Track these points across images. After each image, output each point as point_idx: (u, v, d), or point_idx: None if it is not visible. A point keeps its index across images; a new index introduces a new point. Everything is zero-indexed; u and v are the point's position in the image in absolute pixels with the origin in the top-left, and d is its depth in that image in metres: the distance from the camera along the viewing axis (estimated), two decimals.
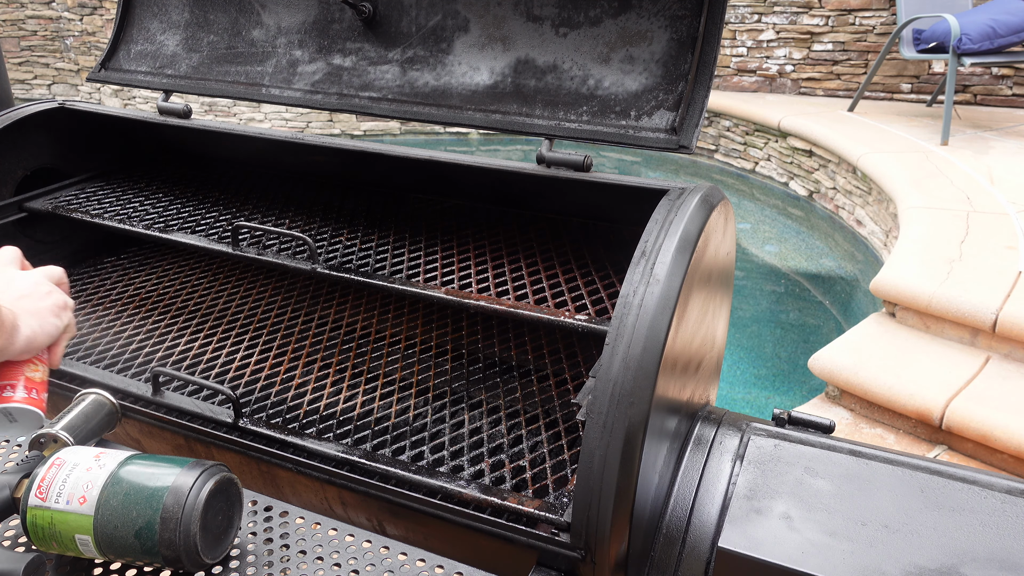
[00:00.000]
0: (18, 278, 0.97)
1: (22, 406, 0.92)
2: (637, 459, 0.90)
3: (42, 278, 0.98)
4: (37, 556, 0.83)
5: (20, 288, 0.95)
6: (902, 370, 2.78)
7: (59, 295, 0.98)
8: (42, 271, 1.00)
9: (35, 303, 0.94)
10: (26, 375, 0.94)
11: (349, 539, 0.96)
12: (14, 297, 0.93)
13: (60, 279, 1.02)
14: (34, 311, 0.93)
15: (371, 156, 1.48)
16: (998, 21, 4.66)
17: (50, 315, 0.95)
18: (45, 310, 0.95)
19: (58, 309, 0.97)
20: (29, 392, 0.93)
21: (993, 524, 0.93)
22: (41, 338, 0.94)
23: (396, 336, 1.51)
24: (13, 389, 0.92)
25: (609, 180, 1.24)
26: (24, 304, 0.93)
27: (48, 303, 0.96)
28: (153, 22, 1.69)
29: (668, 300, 0.94)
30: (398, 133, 7.61)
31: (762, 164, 5.96)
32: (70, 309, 1.00)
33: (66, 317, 0.98)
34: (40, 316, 0.94)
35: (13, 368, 0.94)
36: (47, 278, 0.99)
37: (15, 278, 0.97)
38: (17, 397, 0.92)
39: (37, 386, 0.95)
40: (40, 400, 0.94)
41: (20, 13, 8.62)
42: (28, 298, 0.94)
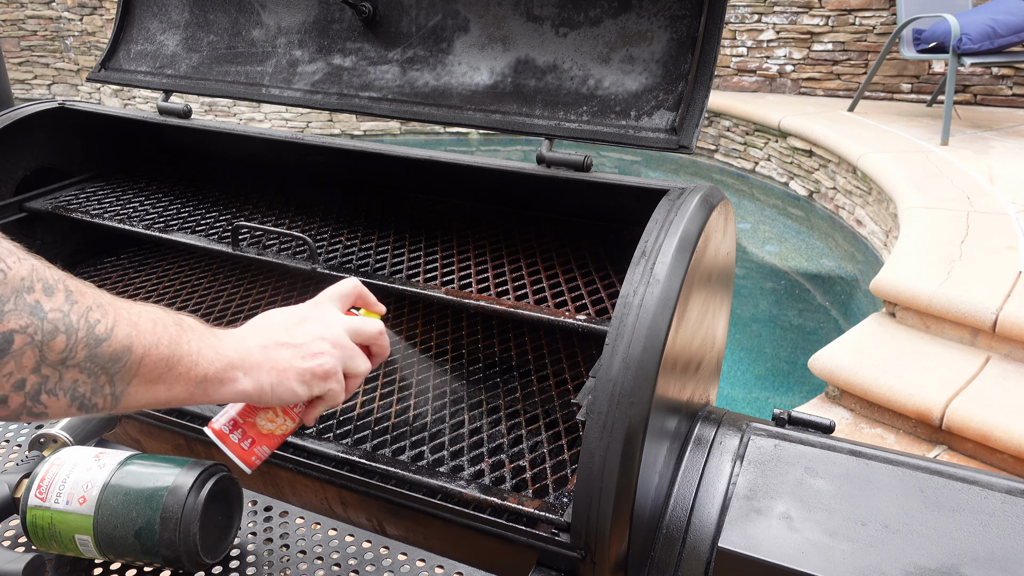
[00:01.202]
0: (313, 322, 0.83)
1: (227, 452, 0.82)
2: (637, 459, 0.90)
3: (339, 332, 0.83)
4: (37, 556, 0.83)
5: (298, 335, 0.81)
6: (902, 370, 2.78)
7: (329, 361, 0.81)
8: (351, 324, 0.85)
9: (290, 359, 0.79)
10: (256, 421, 0.83)
11: (349, 539, 0.96)
12: (277, 342, 0.79)
13: (370, 339, 0.86)
14: (279, 369, 0.78)
15: (371, 156, 1.48)
16: (998, 21, 4.65)
17: (295, 379, 0.79)
18: (293, 372, 0.79)
19: (311, 376, 0.80)
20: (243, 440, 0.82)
21: (993, 524, 0.93)
22: (269, 399, 0.79)
23: (396, 336, 1.51)
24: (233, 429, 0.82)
25: (609, 180, 1.24)
26: (277, 355, 0.79)
27: (304, 366, 0.79)
28: (153, 22, 1.69)
29: (668, 300, 0.94)
30: (398, 133, 7.61)
31: (762, 164, 5.96)
32: (338, 378, 0.82)
33: (319, 387, 0.81)
34: (281, 376, 0.78)
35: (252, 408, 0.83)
36: (351, 333, 0.84)
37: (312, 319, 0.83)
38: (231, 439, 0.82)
39: (260, 438, 0.83)
40: (251, 452, 0.83)
41: (20, 13, 8.62)
42: (289, 349, 0.80)
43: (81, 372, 0.65)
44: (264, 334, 0.80)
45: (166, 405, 0.73)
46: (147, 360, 0.69)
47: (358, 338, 0.85)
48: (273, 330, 0.81)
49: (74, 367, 0.65)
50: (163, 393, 0.71)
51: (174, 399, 0.73)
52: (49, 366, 0.63)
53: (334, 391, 0.82)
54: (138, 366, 0.68)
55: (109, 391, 0.68)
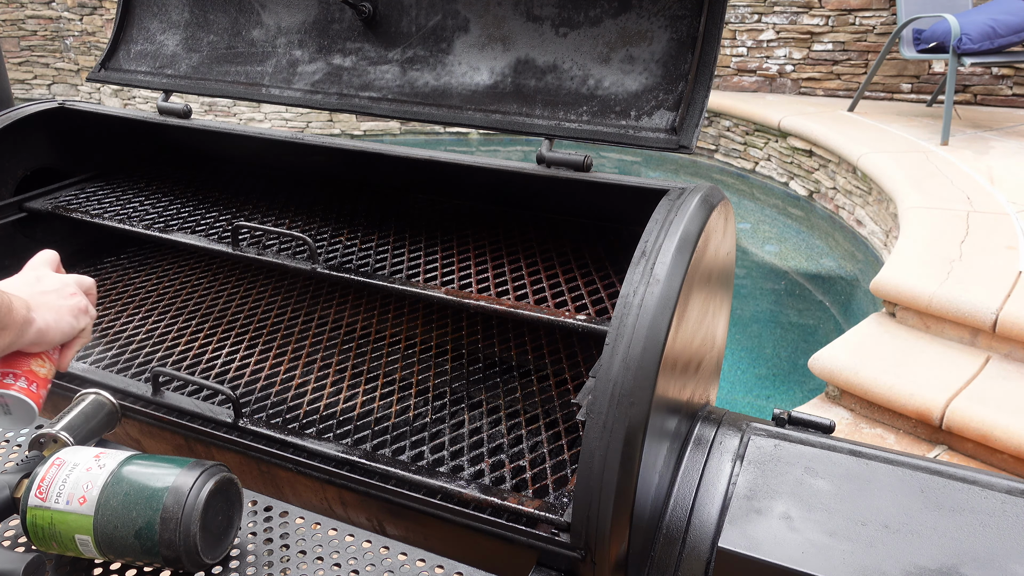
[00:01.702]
0: (48, 277, 0.99)
1: (19, 396, 0.91)
2: (637, 459, 0.90)
3: (71, 282, 1.00)
4: (37, 556, 0.83)
5: (46, 285, 0.97)
6: (902, 370, 2.78)
7: (82, 299, 0.99)
8: (74, 277, 1.01)
9: (57, 300, 0.96)
10: (32, 367, 0.93)
11: (349, 539, 0.96)
12: (37, 291, 0.95)
13: (89, 288, 1.03)
14: (53, 307, 0.95)
15: (371, 156, 1.48)
16: (998, 21, 4.65)
17: (68, 314, 0.96)
18: (65, 308, 0.96)
19: (78, 311, 0.97)
20: (30, 384, 0.92)
21: (993, 524, 0.93)
22: (54, 334, 0.94)
23: (396, 336, 1.51)
24: (15, 378, 0.92)
25: (609, 180, 1.24)
26: (45, 299, 0.95)
27: (70, 303, 0.97)
28: (153, 22, 1.69)
29: (668, 300, 0.94)
30: (398, 133, 7.61)
31: (762, 164, 5.96)
32: (90, 316, 1.00)
33: (83, 321, 0.99)
34: (58, 312, 0.95)
35: (20, 358, 0.93)
36: (77, 284, 1.01)
37: (45, 276, 0.99)
38: (17, 386, 0.91)
39: (39, 381, 0.94)
40: (38, 395, 0.94)
41: (20, 13, 8.62)
42: (51, 294, 0.96)
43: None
44: (21, 289, 0.94)
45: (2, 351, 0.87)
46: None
47: (83, 287, 1.02)
48: (24, 285, 0.96)
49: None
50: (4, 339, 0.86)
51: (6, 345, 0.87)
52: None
53: (89, 326, 1.00)
54: None
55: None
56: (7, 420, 0.94)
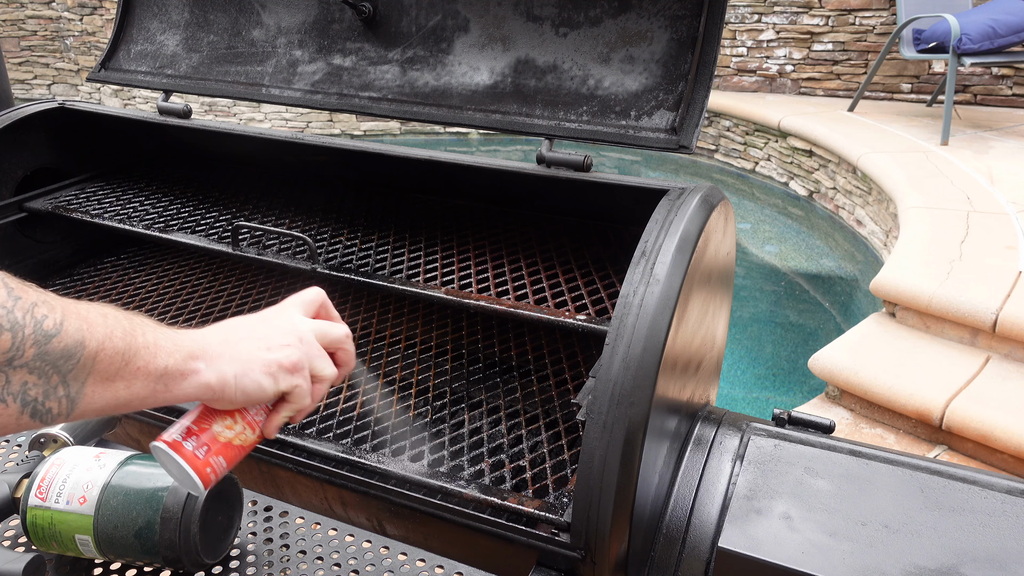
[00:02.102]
0: (277, 320, 0.78)
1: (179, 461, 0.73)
2: (637, 459, 0.90)
3: (305, 329, 0.78)
4: (37, 556, 0.83)
5: (261, 330, 0.76)
6: (902, 370, 2.78)
7: (295, 353, 0.76)
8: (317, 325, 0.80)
9: (254, 351, 0.74)
10: (212, 428, 0.75)
11: (349, 539, 0.96)
12: (239, 336, 0.75)
13: (335, 342, 0.81)
14: (243, 359, 0.73)
15: (371, 156, 1.48)
16: (998, 21, 4.65)
17: (261, 370, 0.73)
18: (258, 363, 0.74)
19: (279, 368, 0.75)
20: (198, 448, 0.74)
21: (993, 524, 0.93)
22: (233, 392, 0.73)
23: (396, 336, 1.51)
24: (184, 437, 0.74)
25: (609, 180, 1.24)
26: (240, 348, 0.74)
27: (270, 356, 0.74)
28: (153, 22, 1.69)
29: (668, 300, 0.94)
30: (398, 133, 7.61)
31: (762, 164, 5.96)
32: (304, 374, 0.77)
33: (286, 382, 0.75)
34: (246, 366, 0.73)
35: (206, 415, 0.76)
36: (316, 333, 0.79)
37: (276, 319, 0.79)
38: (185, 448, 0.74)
39: (216, 447, 0.75)
40: (206, 462, 0.74)
41: (20, 13, 8.62)
42: (253, 342, 0.75)
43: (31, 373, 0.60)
44: (225, 333, 0.76)
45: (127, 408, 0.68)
46: (102, 355, 0.64)
47: (324, 340, 0.80)
48: (234, 329, 0.76)
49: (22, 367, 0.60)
50: (123, 392, 0.66)
51: (135, 398, 0.67)
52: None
53: (301, 389, 0.77)
54: (93, 362, 0.63)
55: (63, 393, 0.63)
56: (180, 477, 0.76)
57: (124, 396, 0.67)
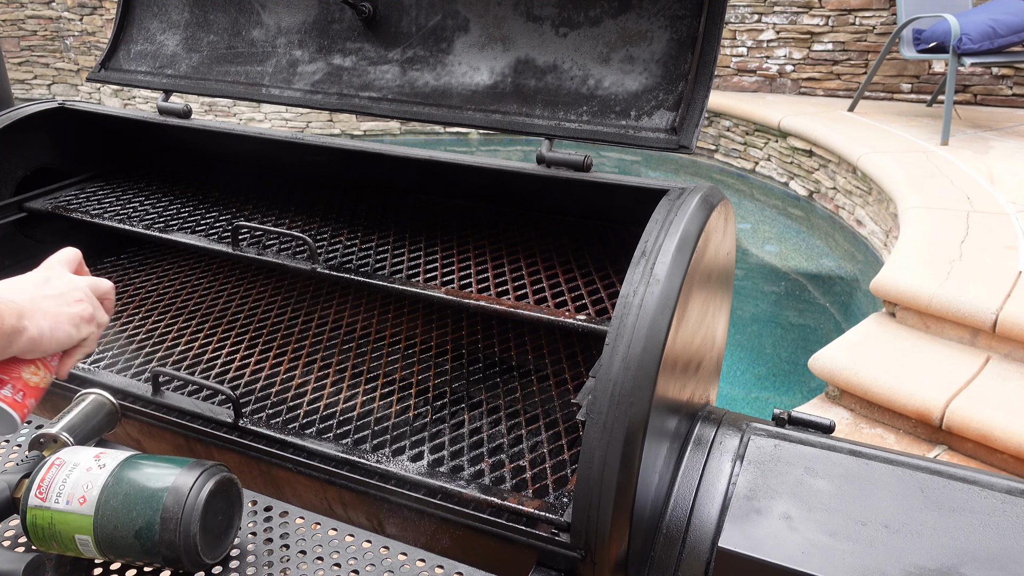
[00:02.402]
0: (57, 279, 0.92)
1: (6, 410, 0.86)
2: (637, 459, 0.90)
3: (83, 286, 0.93)
4: (37, 556, 0.83)
5: (52, 288, 0.90)
6: (902, 370, 2.78)
7: (88, 307, 0.92)
8: (88, 280, 0.95)
9: (57, 306, 0.89)
10: (23, 375, 0.89)
11: (349, 539, 0.96)
12: (39, 295, 0.88)
13: (105, 293, 0.97)
14: (52, 314, 0.88)
15: (371, 156, 1.48)
16: (998, 21, 4.65)
17: (68, 323, 0.89)
18: (65, 316, 0.89)
19: (80, 319, 0.90)
20: (15, 393, 0.88)
21: (993, 524, 0.93)
22: (48, 343, 0.87)
23: (396, 336, 1.51)
24: (1, 386, 0.87)
25: (609, 180, 1.24)
26: (45, 304, 0.88)
27: (72, 311, 0.90)
28: (153, 22, 1.69)
29: (668, 300, 0.94)
30: (398, 133, 7.61)
31: (762, 164, 5.96)
32: (96, 324, 0.93)
33: (86, 330, 0.91)
34: (56, 320, 0.88)
35: (11, 364, 0.89)
36: (91, 287, 0.94)
37: (54, 278, 0.92)
38: (4, 395, 0.87)
39: (29, 390, 0.89)
40: (24, 404, 0.89)
41: (20, 13, 8.62)
42: (53, 299, 0.89)
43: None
44: (22, 291, 0.87)
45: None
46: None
47: (97, 292, 0.95)
48: (28, 287, 0.88)
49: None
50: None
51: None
52: None
53: (94, 335, 0.93)
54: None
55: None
56: None
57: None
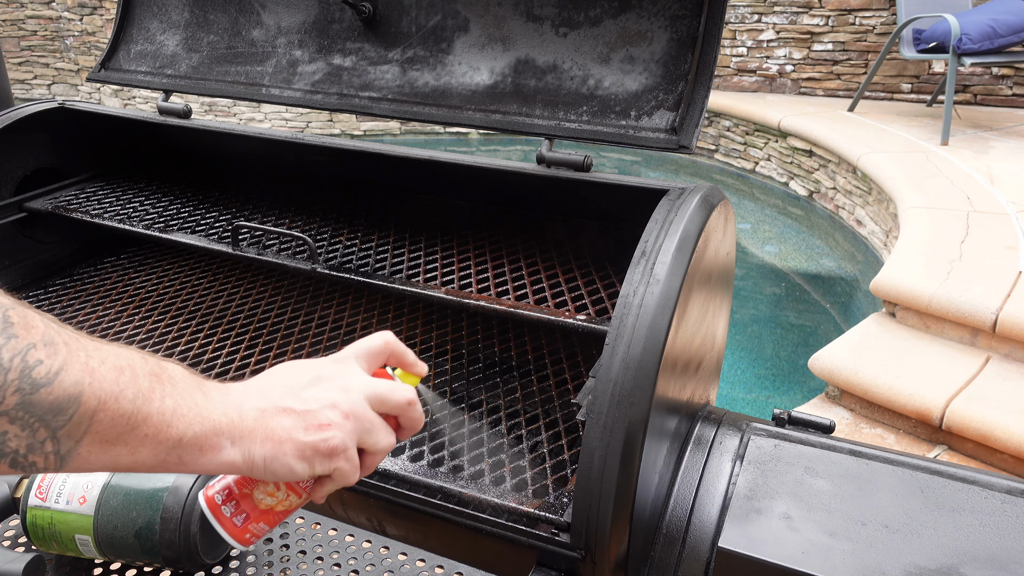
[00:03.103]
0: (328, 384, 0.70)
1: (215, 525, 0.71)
2: (637, 459, 0.90)
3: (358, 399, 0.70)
4: (37, 556, 0.83)
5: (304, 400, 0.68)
6: (902, 370, 2.78)
7: (336, 435, 0.68)
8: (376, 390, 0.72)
9: (290, 429, 0.67)
10: (254, 495, 0.72)
11: (349, 539, 0.96)
12: (278, 407, 0.67)
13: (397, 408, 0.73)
14: (277, 438, 0.66)
15: (371, 156, 1.48)
16: (998, 21, 4.66)
17: (293, 454, 0.66)
18: (291, 445, 0.66)
19: (313, 452, 0.67)
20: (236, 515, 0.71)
21: (993, 524, 0.93)
22: (261, 473, 0.66)
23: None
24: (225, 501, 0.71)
25: (609, 180, 1.24)
26: (275, 422, 0.66)
27: (307, 438, 0.67)
28: (153, 22, 1.69)
29: (668, 300, 0.94)
30: (398, 133, 7.61)
31: (762, 164, 5.96)
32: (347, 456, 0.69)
33: (322, 466, 0.68)
34: (278, 448, 0.66)
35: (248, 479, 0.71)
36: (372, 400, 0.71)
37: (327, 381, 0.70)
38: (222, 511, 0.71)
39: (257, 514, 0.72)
40: (245, 529, 0.71)
41: (20, 13, 8.62)
42: (290, 416, 0.67)
43: (12, 423, 0.54)
44: (266, 395, 0.68)
45: (130, 470, 0.62)
46: (101, 415, 0.57)
47: (382, 407, 0.72)
48: (277, 390, 0.69)
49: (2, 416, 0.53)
50: (125, 457, 0.60)
51: (140, 464, 0.61)
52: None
53: (342, 471, 0.69)
54: (90, 422, 0.57)
55: (52, 449, 0.56)
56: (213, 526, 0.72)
57: (127, 461, 0.60)
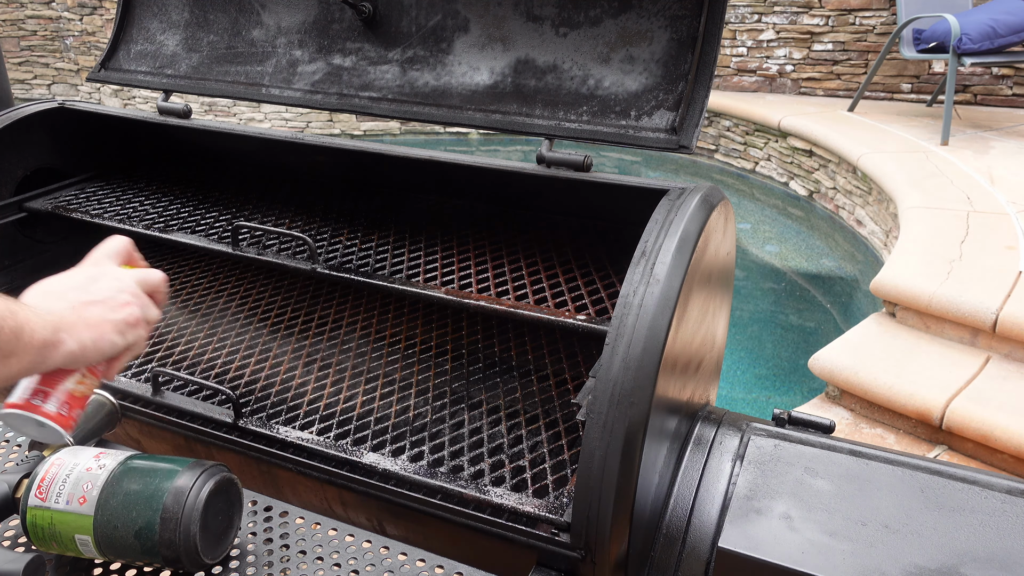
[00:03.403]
0: (103, 279, 0.87)
1: (46, 422, 0.83)
2: (637, 459, 0.90)
3: (131, 283, 0.88)
4: (37, 556, 0.83)
5: (97, 291, 0.85)
6: (902, 370, 2.78)
7: (136, 309, 0.86)
8: (136, 276, 0.90)
9: (102, 313, 0.83)
10: (67, 386, 0.84)
11: (349, 539, 0.96)
12: (82, 301, 0.83)
13: (154, 288, 0.91)
14: (95, 323, 0.82)
15: (371, 156, 1.48)
16: (998, 21, 4.65)
17: (112, 331, 0.83)
18: (109, 325, 0.83)
19: (126, 326, 0.84)
20: (60, 407, 0.83)
21: (993, 524, 0.93)
22: (91, 355, 0.82)
23: (396, 336, 1.51)
24: (45, 399, 0.83)
25: (609, 180, 1.24)
26: (88, 313, 0.82)
27: (118, 316, 0.84)
28: (153, 22, 1.69)
29: (668, 300, 0.94)
30: (398, 133, 7.61)
31: (762, 164, 5.96)
32: (144, 326, 0.88)
33: (132, 335, 0.86)
34: (99, 330, 0.82)
35: (56, 375, 0.84)
36: (140, 283, 0.89)
37: (100, 277, 0.87)
38: (46, 409, 0.83)
39: (74, 401, 0.85)
40: (69, 417, 0.85)
41: (20, 13, 8.62)
42: (97, 305, 0.83)
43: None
44: (64, 297, 0.82)
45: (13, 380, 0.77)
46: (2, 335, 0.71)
47: (146, 287, 0.90)
48: (69, 293, 0.83)
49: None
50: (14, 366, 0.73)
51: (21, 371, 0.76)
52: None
53: (142, 339, 0.88)
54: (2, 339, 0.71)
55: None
56: (33, 434, 0.86)
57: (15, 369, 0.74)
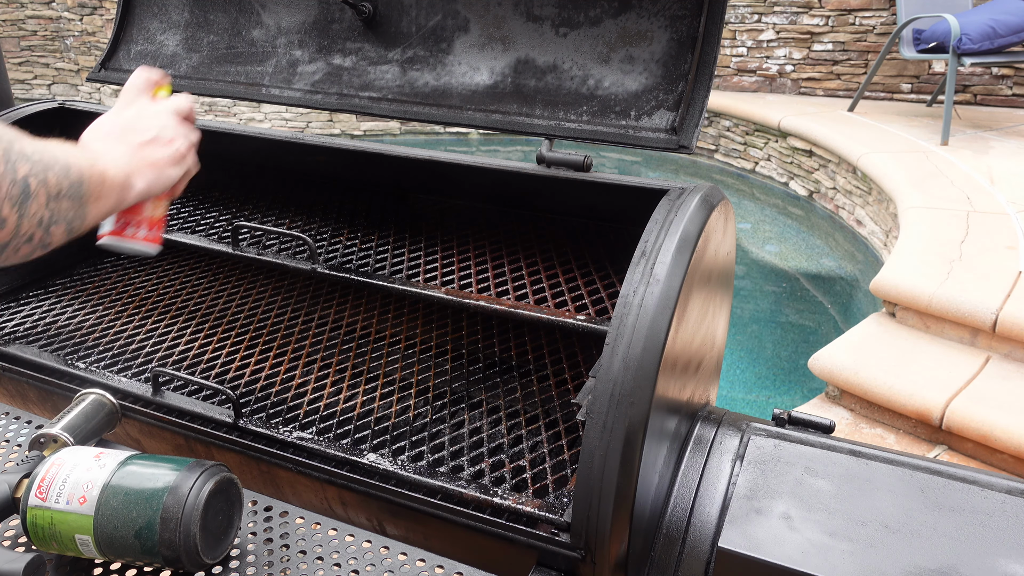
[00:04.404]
0: (146, 116, 0.95)
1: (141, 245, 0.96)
2: (637, 459, 0.90)
3: (170, 118, 0.96)
4: (37, 556, 0.83)
5: (146, 131, 0.93)
6: (902, 370, 2.78)
7: (183, 141, 0.96)
8: (173, 106, 0.97)
9: (155, 153, 0.92)
10: (146, 213, 0.97)
11: (349, 539, 0.96)
12: (139, 143, 0.91)
13: (188, 113, 0.99)
14: (154, 161, 0.92)
15: (371, 156, 1.48)
16: (998, 21, 4.66)
17: (169, 166, 0.93)
18: (165, 161, 0.93)
19: (179, 158, 0.95)
20: (150, 231, 0.97)
21: (993, 524, 0.93)
22: (157, 190, 0.92)
23: (396, 336, 1.51)
24: (136, 227, 0.96)
25: (609, 180, 1.24)
26: (146, 153, 0.91)
27: (169, 152, 0.93)
28: (153, 22, 1.69)
29: (668, 300, 0.94)
30: (398, 133, 7.61)
31: (762, 164, 5.96)
32: (192, 152, 0.98)
33: (186, 164, 0.96)
34: (159, 168, 0.92)
35: (135, 207, 0.95)
36: (176, 119, 0.97)
37: (143, 116, 0.95)
38: (140, 235, 0.96)
39: (156, 223, 0.98)
40: (158, 237, 0.99)
41: (20, 13, 8.62)
42: (152, 145, 0.92)
43: (70, 200, 0.77)
44: (124, 139, 0.91)
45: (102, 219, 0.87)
46: (92, 180, 0.80)
47: (180, 114, 0.98)
48: (127, 133, 0.92)
49: (65, 197, 0.76)
50: (105, 206, 0.84)
51: (108, 211, 0.86)
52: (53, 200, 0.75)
53: (192, 163, 0.98)
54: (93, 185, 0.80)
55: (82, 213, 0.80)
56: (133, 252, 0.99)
57: (106, 209, 0.85)
